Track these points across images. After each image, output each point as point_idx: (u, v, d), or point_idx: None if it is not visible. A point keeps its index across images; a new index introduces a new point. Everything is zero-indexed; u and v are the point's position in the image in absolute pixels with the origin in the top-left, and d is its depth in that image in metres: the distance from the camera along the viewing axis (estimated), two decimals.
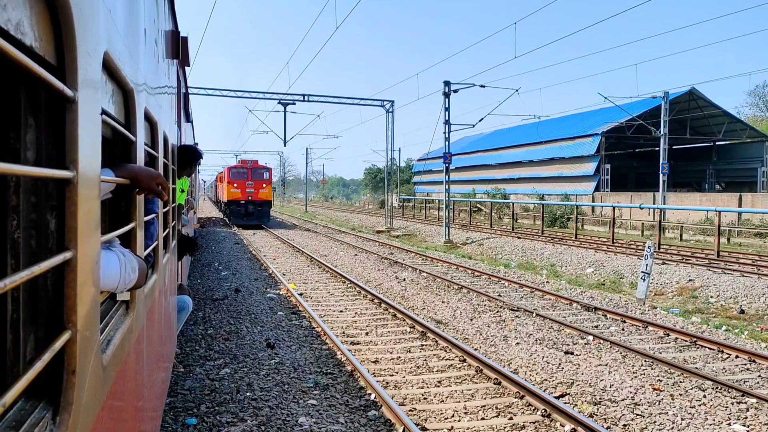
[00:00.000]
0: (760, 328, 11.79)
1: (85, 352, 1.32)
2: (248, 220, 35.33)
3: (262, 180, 35.81)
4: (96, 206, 1.45)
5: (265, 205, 36.02)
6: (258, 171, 35.96)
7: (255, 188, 35.25)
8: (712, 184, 48.88)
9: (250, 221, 35.33)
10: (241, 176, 35.38)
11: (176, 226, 5.83)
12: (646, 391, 7.27)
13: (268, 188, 35.98)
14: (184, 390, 7.05)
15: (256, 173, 35.72)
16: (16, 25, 0.99)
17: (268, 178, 36.30)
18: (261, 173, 36.02)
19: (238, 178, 35.32)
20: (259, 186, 35.47)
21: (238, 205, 35.28)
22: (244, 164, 36.38)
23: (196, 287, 14.09)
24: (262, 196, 35.61)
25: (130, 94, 2.26)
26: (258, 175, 35.77)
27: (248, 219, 35.30)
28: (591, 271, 18.99)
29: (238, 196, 35.04)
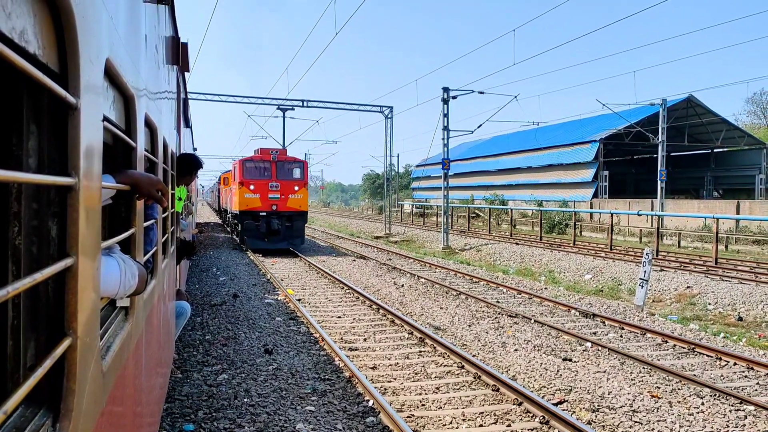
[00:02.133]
0: (758, 336, 11.79)
1: (85, 359, 1.32)
2: (272, 243, 23.40)
3: (293, 180, 23.73)
4: (97, 213, 1.45)
5: (297, 218, 23.80)
6: (287, 166, 23.87)
7: (283, 192, 23.36)
8: (710, 191, 48.96)
9: (275, 244, 23.44)
10: (262, 173, 23.44)
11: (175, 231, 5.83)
12: (645, 398, 7.26)
13: (302, 192, 23.79)
14: (182, 396, 7.02)
15: (284, 169, 23.64)
16: (20, 33, 0.99)
17: (301, 176, 24.03)
18: (291, 169, 23.96)
19: (257, 176, 23.30)
20: (288, 188, 23.49)
21: (255, 218, 23.16)
22: (264, 155, 23.94)
23: (195, 292, 14.07)
24: (293, 205, 23.47)
25: (130, 100, 2.27)
26: (286, 171, 23.77)
27: (272, 241, 23.41)
28: (589, 277, 18.99)
29: (255, 204, 23.04)
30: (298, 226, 23.84)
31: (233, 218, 27.43)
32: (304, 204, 23.87)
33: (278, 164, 23.55)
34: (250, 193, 23.00)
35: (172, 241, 5.16)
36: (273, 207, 23.09)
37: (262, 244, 23.18)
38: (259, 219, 23.14)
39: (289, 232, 23.63)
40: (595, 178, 43.33)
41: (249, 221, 23.17)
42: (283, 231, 23.44)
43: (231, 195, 27.22)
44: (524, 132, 51.24)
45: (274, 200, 23.14)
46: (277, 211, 23.21)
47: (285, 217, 23.43)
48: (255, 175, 23.25)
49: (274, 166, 23.44)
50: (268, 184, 23.16)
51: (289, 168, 23.84)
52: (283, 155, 24.43)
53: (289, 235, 23.64)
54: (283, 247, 23.59)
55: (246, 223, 23.30)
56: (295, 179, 23.77)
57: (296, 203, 23.56)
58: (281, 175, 23.47)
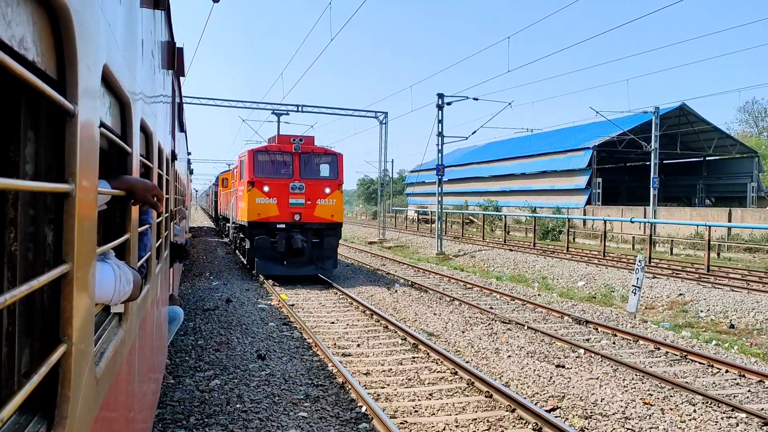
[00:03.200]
0: (749, 343, 11.85)
1: (79, 365, 1.32)
2: (294, 267, 17.20)
3: (322, 179, 17.58)
4: (93, 219, 1.45)
5: (329, 233, 17.48)
6: (315, 159, 17.69)
7: (309, 196, 17.18)
8: (702, 199, 49.25)
9: (298, 269, 17.26)
10: (280, 170, 17.34)
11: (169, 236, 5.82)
12: (637, 405, 7.28)
13: (335, 196, 17.56)
14: (174, 401, 6.99)
15: (310, 164, 17.54)
16: (19, 41, 1.00)
17: (334, 174, 17.75)
18: (320, 164, 17.81)
19: (273, 173, 17.23)
20: (317, 191, 17.31)
21: (271, 232, 17.00)
22: (284, 144, 17.51)
23: (187, 297, 14.01)
24: (323, 215, 17.31)
25: (126, 106, 2.27)
26: (314, 167, 17.65)
27: (294, 264, 17.19)
28: (582, 284, 19.04)
29: (271, 213, 16.98)
30: (329, 244, 17.12)
31: (237, 231, 20.50)
32: (338, 213, 17.39)
33: (303, 157, 17.13)
34: (263, 197, 16.64)
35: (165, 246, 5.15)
36: (295, 217, 16.76)
37: (279, 269, 16.89)
38: (275, 234, 16.62)
39: (318, 252, 17.08)
40: (589, 185, 43.52)
41: (262, 237, 16.56)
42: (309, 250, 16.95)
43: (235, 200, 19.94)
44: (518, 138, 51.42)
45: (297, 207, 16.83)
46: (300, 223, 16.85)
47: (312, 230, 16.99)
48: (271, 172, 16.99)
49: (297, 160, 17.02)
50: (288, 185, 16.73)
51: (317, 162, 17.56)
52: (310, 145, 17.55)
53: (318, 256, 17.11)
54: (309, 273, 17.31)
55: (258, 240, 16.52)
56: (325, 178, 17.40)
57: (327, 211, 17.09)
58: (307, 173, 17.17)
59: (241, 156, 18.50)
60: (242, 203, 17.89)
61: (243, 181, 17.68)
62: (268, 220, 16.87)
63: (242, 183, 17.84)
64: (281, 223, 16.91)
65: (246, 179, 17.12)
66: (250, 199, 16.87)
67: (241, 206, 18.32)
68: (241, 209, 18.09)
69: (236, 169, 20.57)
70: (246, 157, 17.46)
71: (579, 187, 44.07)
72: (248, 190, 16.92)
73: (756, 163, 45.59)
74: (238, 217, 19.01)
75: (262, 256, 17.04)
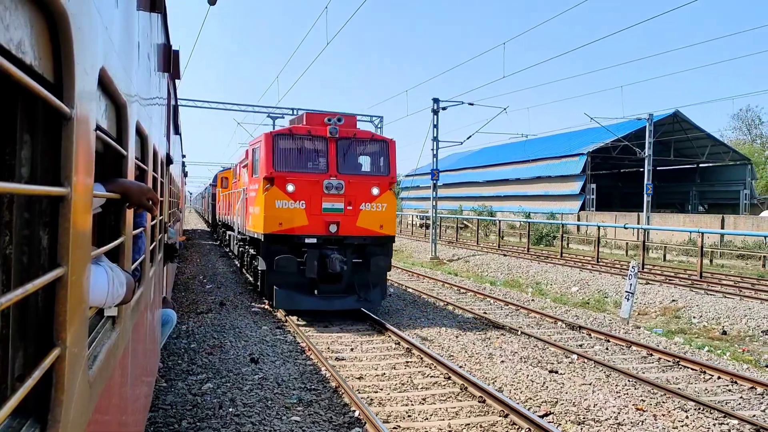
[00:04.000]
0: (742, 350, 11.90)
1: (73, 369, 1.31)
2: (329, 299, 12.35)
3: (369, 174, 13.06)
4: (88, 222, 1.45)
5: (377, 251, 12.67)
6: (359, 147, 12.97)
7: (350, 198, 12.50)
8: (696, 206, 49.50)
9: (332, 301, 12.39)
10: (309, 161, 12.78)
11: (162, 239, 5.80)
12: (630, 411, 7.30)
13: (386, 199, 12.77)
14: (166, 405, 6.96)
15: (352, 153, 12.83)
16: (17, 45, 1.00)
17: (384, 168, 13.02)
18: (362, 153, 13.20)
19: (300, 166, 12.53)
20: (361, 191, 12.59)
21: (296, 249, 12.18)
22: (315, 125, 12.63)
23: (181, 300, 13.97)
24: (369, 225, 12.60)
25: (122, 109, 2.27)
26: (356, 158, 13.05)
27: (327, 294, 12.34)
28: (576, 289, 19.09)
29: (297, 221, 12.18)
30: (377, 266, 12.33)
31: (246, 244, 15.59)
32: (390, 222, 12.62)
33: (342, 144, 12.35)
34: (286, 200, 11.89)
35: (159, 248, 5.13)
36: (331, 228, 12.04)
37: (308, 301, 12.05)
38: (303, 252, 11.88)
39: (361, 277, 12.36)
40: (583, 191, 43.66)
41: (285, 258, 11.75)
42: (349, 275, 12.27)
43: (243, 204, 15.11)
44: (513, 144, 51.60)
45: (333, 215, 12.13)
46: (338, 236, 12.13)
47: (353, 247, 12.38)
48: (297, 165, 12.25)
49: (333, 148, 12.24)
50: (322, 183, 12.02)
51: (362, 151, 12.83)
52: (351, 127, 12.83)
53: (361, 282, 12.36)
54: (350, 308, 12.42)
55: (279, 262, 11.72)
56: (372, 173, 12.79)
57: (375, 220, 12.40)
58: (348, 166, 12.43)
59: (254, 143, 13.40)
60: (255, 208, 12.86)
61: (257, 178, 12.73)
62: (292, 232, 11.87)
63: (255, 180, 12.97)
64: (312, 237, 11.92)
65: (261, 174, 12.18)
66: (267, 203, 11.83)
67: (253, 212, 13.18)
68: (254, 216, 12.96)
69: (243, 165, 15.94)
70: (262, 144, 12.25)
71: (573, 192, 44.22)
72: (265, 189, 11.89)
73: (749, 171, 45.87)
74: (249, 226, 13.79)
75: (283, 283, 11.99)
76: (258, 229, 12.62)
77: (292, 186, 12.02)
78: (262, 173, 12.32)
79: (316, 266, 11.84)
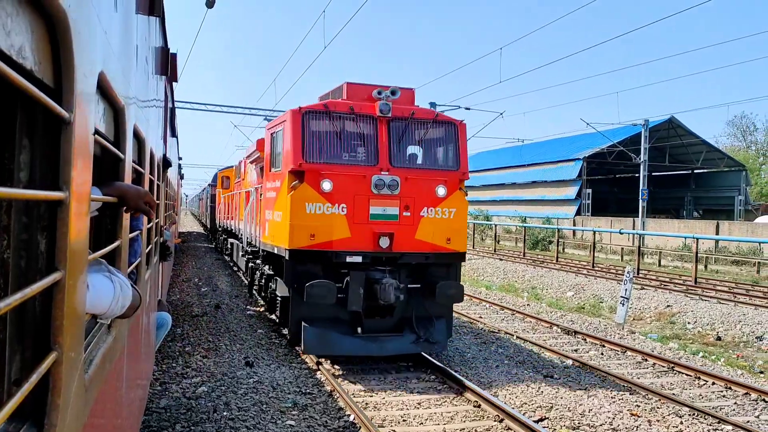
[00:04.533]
0: (736, 356, 11.94)
1: (69, 373, 1.31)
2: (375, 339, 8.89)
3: (432, 169, 9.38)
4: (85, 226, 1.45)
5: (441, 271, 9.35)
6: (417, 131, 9.39)
7: (408, 200, 8.97)
8: (690, 212, 49.70)
9: (383, 341, 8.93)
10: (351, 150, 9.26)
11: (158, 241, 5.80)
12: (624, 417, 7.31)
13: (454, 202, 9.22)
14: (160, 408, 6.94)
15: (409, 139, 9.32)
16: (18, 50, 1.00)
17: (453, 159, 9.44)
18: (423, 140, 9.47)
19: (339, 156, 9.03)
20: (422, 191, 9.06)
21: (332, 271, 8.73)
22: (359, 101, 9.17)
23: (175, 303, 13.93)
24: (430, 237, 9.08)
25: (120, 112, 2.27)
26: (414, 146, 9.53)
27: (372, 333, 8.92)
28: (571, 294, 19.12)
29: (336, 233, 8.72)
30: (445, 296, 9.20)
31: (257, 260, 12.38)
32: (459, 233, 9.51)
33: (396, 127, 9.25)
34: (321, 203, 8.82)
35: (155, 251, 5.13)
36: (382, 242, 8.93)
37: (350, 343, 8.96)
38: (339, 273, 8.89)
39: (419, 309, 9.29)
40: (579, 196, 43.79)
41: (320, 284, 8.53)
42: (403, 305, 9.16)
43: (255, 207, 12.21)
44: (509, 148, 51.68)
45: (384, 223, 9.01)
46: (391, 254, 9.03)
47: (410, 269, 9.31)
48: (334, 154, 9.12)
49: (384, 132, 9.15)
50: (369, 180, 8.93)
51: (422, 137, 9.57)
52: (409, 104, 9.66)
53: (420, 315, 9.29)
54: (406, 352, 9.27)
55: (312, 291, 8.49)
56: (437, 167, 9.57)
57: (440, 231, 9.26)
58: (404, 156, 9.41)
59: (274, 125, 10.07)
60: (275, 213, 9.64)
61: (277, 173, 9.57)
62: (329, 247, 8.66)
63: (275, 176, 9.71)
64: (355, 254, 8.73)
65: (286, 167, 8.98)
66: (294, 207, 8.67)
67: (271, 219, 9.96)
68: (273, 225, 9.76)
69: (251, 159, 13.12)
70: (286, 125, 9.00)
71: (569, 197, 44.35)
72: (291, 188, 8.75)
73: (744, 177, 46.11)
74: (265, 238, 10.55)
75: (316, 318, 8.77)
76: (279, 243, 9.19)
77: (329, 183, 8.64)
78: (286, 165, 8.96)
79: (361, 295, 8.58)
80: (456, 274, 9.60)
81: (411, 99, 9.77)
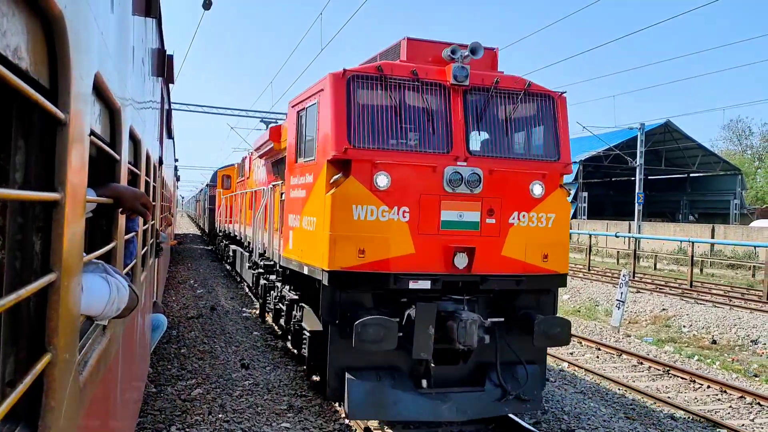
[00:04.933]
0: (731, 359, 11.96)
1: (64, 375, 1.31)
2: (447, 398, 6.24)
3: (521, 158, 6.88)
4: (81, 228, 1.45)
5: (530, 300, 6.77)
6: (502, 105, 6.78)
7: (493, 201, 6.49)
8: (686, 215, 49.83)
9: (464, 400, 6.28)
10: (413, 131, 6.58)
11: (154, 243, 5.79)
12: (620, 420, 7.32)
13: (555, 201, 6.76)
14: (155, 410, 6.91)
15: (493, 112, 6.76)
16: (14, 50, 1.00)
17: (551, 147, 6.96)
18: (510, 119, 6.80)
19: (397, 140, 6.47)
20: (514, 187, 6.61)
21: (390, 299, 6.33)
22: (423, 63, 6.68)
23: (171, 305, 13.89)
24: (521, 255, 6.61)
25: (116, 113, 2.27)
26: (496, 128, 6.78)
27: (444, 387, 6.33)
28: (567, 297, 19.14)
29: (394, 249, 6.18)
30: (544, 336, 6.38)
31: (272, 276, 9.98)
32: (559, 247, 6.88)
33: (475, 99, 6.75)
34: (373, 204, 6.20)
35: (151, 253, 5.12)
36: (458, 262, 6.34)
37: (414, 404, 6.25)
38: (397, 304, 6.33)
39: (504, 351, 6.57)
40: (575, 199, 43.85)
41: (374, 320, 5.79)
42: (482, 346, 6.20)
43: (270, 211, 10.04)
44: None
45: (461, 234, 6.43)
46: (470, 275, 6.41)
47: (496, 295, 6.79)
48: (391, 135, 6.47)
49: (459, 105, 6.60)
50: (442, 173, 6.34)
51: (510, 114, 6.86)
52: (487, 67, 7.08)
53: (506, 360, 6.59)
54: (490, 414, 6.61)
55: (365, 329, 5.72)
56: (531, 157, 7.07)
57: (536, 244, 6.72)
58: (487, 141, 6.93)
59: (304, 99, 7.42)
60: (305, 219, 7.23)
61: (309, 163, 7.15)
62: (385, 268, 6.29)
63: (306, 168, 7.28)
64: (423, 278, 6.39)
65: (323, 155, 6.63)
66: (336, 210, 6.29)
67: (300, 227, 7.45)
68: (304, 237, 7.25)
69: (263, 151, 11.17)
70: (325, 94, 6.62)
71: None
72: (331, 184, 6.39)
73: (739, 181, 46.28)
74: (290, 252, 7.96)
75: (365, 367, 6.41)
76: (312, 260, 6.73)
77: (386, 177, 6.20)
78: (323, 153, 6.49)
79: (432, 336, 6.01)
80: (551, 304, 6.93)
81: (492, 62, 7.22)
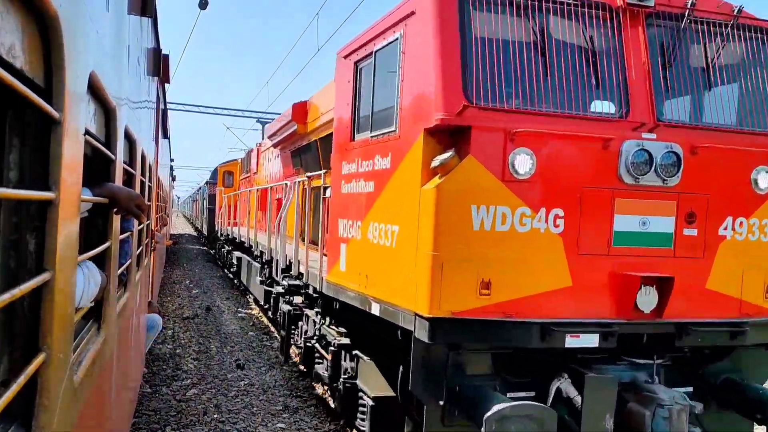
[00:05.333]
0: None
1: (58, 374, 1.31)
2: None
3: (740, 132, 4.23)
4: (75, 227, 1.45)
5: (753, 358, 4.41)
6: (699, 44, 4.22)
7: (697, 200, 4.02)
8: None
9: None
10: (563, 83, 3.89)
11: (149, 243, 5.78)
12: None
13: None
14: (150, 411, 6.90)
15: (692, 55, 4.23)
16: (8, 49, 1.00)
17: None
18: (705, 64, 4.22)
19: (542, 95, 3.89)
20: (728, 176, 4.11)
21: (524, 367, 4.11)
22: None
23: (166, 305, 13.86)
24: (737, 290, 4.07)
25: (112, 113, 2.26)
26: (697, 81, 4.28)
27: None
28: None
29: (541, 276, 3.74)
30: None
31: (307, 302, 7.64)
32: None
33: (661, 31, 4.26)
34: (506, 205, 3.75)
35: (146, 253, 5.11)
36: (643, 302, 3.88)
37: None
38: (541, 370, 4.13)
39: None
40: None
41: (522, 405, 3.58)
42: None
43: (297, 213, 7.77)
44: None
45: (644, 254, 3.99)
46: (660, 322, 3.99)
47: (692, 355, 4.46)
48: (530, 93, 3.90)
49: (639, 39, 4.15)
50: (617, 153, 3.94)
51: (715, 59, 4.31)
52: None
53: None
54: None
55: (499, 424, 3.42)
56: (753, 126, 4.31)
57: (756, 271, 4.24)
58: (682, 101, 4.37)
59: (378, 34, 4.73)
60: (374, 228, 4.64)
61: (380, 140, 4.57)
62: (528, 314, 3.80)
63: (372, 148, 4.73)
64: (587, 328, 3.84)
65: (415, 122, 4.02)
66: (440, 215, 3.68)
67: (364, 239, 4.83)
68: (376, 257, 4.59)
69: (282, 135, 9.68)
70: (421, 18, 4.01)
71: None
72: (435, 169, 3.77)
73: None
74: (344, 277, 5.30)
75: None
76: (393, 297, 4.32)
77: (530, 158, 3.83)
78: (416, 117, 4.12)
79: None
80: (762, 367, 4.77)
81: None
